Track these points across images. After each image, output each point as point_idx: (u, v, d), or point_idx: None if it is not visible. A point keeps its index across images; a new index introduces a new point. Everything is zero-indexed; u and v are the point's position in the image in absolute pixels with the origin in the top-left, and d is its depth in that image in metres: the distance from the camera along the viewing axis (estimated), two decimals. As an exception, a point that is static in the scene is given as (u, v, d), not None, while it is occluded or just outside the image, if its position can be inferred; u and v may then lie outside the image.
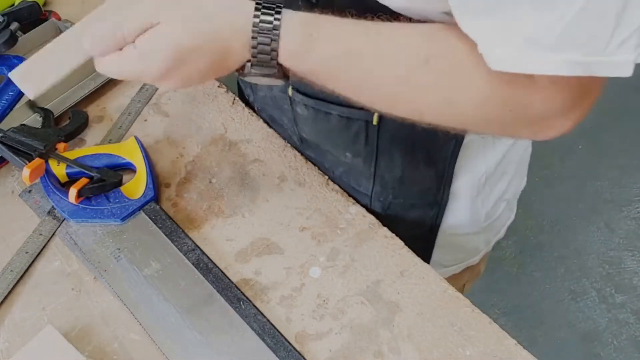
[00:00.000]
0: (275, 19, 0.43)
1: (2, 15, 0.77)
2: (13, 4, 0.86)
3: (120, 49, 0.45)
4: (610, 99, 1.91)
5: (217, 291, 0.58)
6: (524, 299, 1.58)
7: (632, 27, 0.36)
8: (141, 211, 0.65)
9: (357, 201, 0.71)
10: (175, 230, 0.63)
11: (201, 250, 0.61)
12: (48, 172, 0.66)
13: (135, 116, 0.77)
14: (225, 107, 0.77)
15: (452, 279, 0.82)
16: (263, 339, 0.55)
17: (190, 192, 0.68)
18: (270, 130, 0.74)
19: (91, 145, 0.73)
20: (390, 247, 0.62)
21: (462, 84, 0.44)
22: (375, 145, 0.63)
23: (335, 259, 0.61)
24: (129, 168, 0.69)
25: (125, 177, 0.69)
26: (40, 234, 0.64)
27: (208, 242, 0.63)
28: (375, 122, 0.60)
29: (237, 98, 0.78)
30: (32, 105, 0.75)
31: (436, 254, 0.75)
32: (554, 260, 1.65)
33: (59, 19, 0.88)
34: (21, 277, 0.61)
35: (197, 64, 0.45)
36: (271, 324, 0.56)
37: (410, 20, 0.46)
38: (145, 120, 0.76)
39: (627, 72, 0.38)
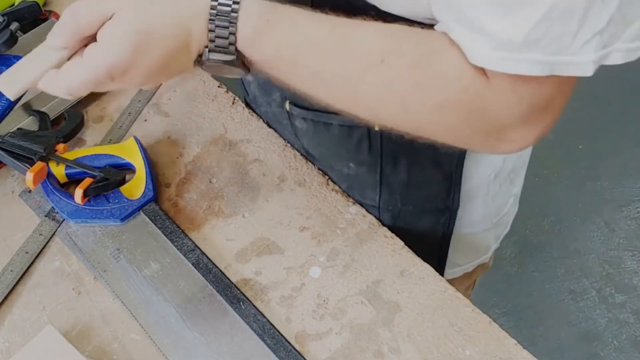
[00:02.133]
0: (234, 2, 0.42)
1: (2, 15, 0.77)
2: (13, 4, 0.86)
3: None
4: (609, 99, 1.91)
5: (217, 291, 0.58)
6: (524, 299, 1.58)
7: (594, 29, 0.37)
8: (141, 212, 0.65)
9: None
10: (174, 230, 0.63)
11: (201, 250, 0.61)
12: (47, 174, 0.66)
13: (135, 116, 0.77)
14: (225, 107, 0.77)
15: (465, 277, 0.82)
16: (263, 339, 0.55)
17: (190, 192, 0.68)
18: (270, 130, 0.74)
19: (91, 146, 0.74)
20: (390, 247, 0.62)
21: (417, 87, 0.43)
22: (379, 151, 0.62)
23: (335, 259, 0.61)
24: (128, 168, 0.69)
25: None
26: (40, 234, 0.64)
27: (208, 242, 0.63)
28: (377, 127, 0.60)
29: (237, 98, 0.78)
30: (27, 107, 0.75)
31: (451, 254, 0.75)
32: (554, 260, 1.65)
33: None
34: (21, 277, 0.61)
35: (159, 48, 0.43)
36: (271, 324, 0.56)
37: (393, 20, 0.46)
38: (145, 120, 0.76)
39: (589, 71, 0.38)
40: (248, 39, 0.43)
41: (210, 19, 0.42)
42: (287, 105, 0.64)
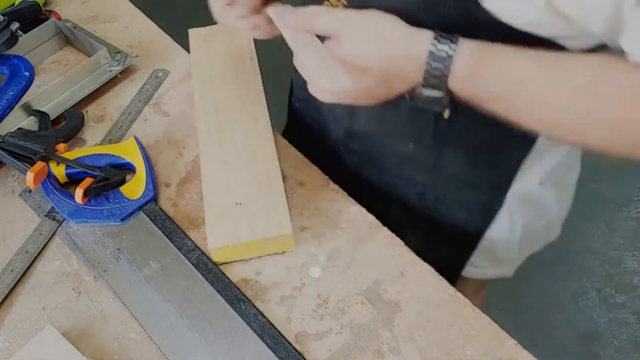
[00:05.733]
0: (450, 48, 0.46)
1: (3, 15, 0.77)
2: (13, 4, 0.86)
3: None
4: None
5: (217, 291, 0.58)
6: (524, 299, 1.58)
7: None
8: (141, 211, 0.65)
9: (406, 191, 0.71)
10: (175, 230, 0.63)
11: (201, 250, 0.61)
12: (48, 173, 0.66)
13: (136, 116, 0.77)
14: (225, 107, 0.76)
15: (477, 282, 0.82)
16: (263, 339, 0.55)
17: (191, 192, 0.68)
18: (270, 130, 0.74)
19: (91, 145, 0.74)
20: (390, 247, 0.62)
21: (631, 112, 0.43)
22: (443, 138, 0.63)
23: (336, 259, 0.61)
24: (128, 168, 0.69)
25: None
26: (41, 234, 0.64)
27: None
28: (446, 115, 0.61)
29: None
30: (27, 107, 0.75)
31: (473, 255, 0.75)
32: (554, 260, 1.65)
33: (59, 19, 0.88)
34: (21, 277, 0.61)
35: (367, 83, 0.49)
36: (271, 324, 0.56)
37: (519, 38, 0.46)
38: (146, 120, 0.76)
39: None
40: (459, 78, 0.47)
41: (427, 62, 0.46)
42: None
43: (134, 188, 0.66)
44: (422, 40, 0.47)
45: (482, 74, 0.46)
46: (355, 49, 0.48)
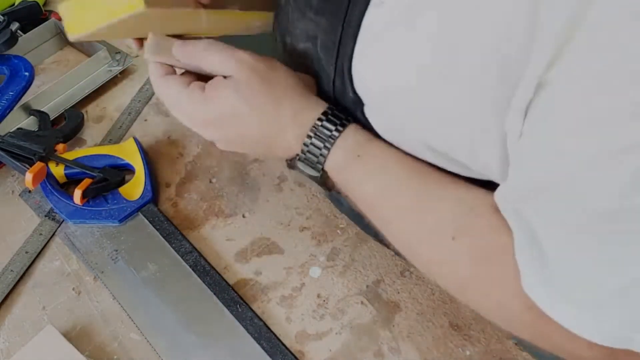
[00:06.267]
0: (336, 130, 0.44)
1: (2, 15, 0.77)
2: (13, 4, 0.86)
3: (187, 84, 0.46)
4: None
5: (214, 294, 0.58)
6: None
7: None
8: (139, 213, 0.65)
9: None
10: (172, 232, 0.63)
11: (198, 252, 0.61)
12: (47, 174, 0.66)
13: (136, 116, 0.77)
14: (225, 107, 0.76)
15: None
16: (259, 343, 0.54)
17: (191, 192, 0.68)
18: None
19: (91, 145, 0.73)
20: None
21: (483, 278, 0.39)
22: None
23: (335, 259, 0.61)
24: (128, 169, 0.69)
25: (124, 178, 0.68)
26: (40, 234, 0.64)
27: (208, 242, 0.63)
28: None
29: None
30: (27, 107, 0.75)
31: None
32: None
33: (59, 19, 0.88)
34: (21, 277, 0.61)
35: (244, 128, 0.45)
36: (267, 327, 0.56)
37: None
38: (146, 120, 0.76)
39: None
40: (336, 164, 0.44)
41: (308, 134, 0.44)
42: None
43: (133, 189, 0.66)
44: (313, 111, 0.44)
45: (358, 169, 0.44)
46: (242, 94, 0.44)
